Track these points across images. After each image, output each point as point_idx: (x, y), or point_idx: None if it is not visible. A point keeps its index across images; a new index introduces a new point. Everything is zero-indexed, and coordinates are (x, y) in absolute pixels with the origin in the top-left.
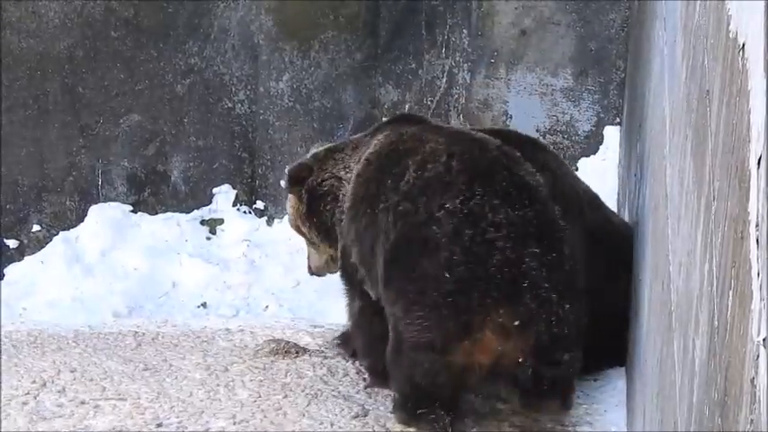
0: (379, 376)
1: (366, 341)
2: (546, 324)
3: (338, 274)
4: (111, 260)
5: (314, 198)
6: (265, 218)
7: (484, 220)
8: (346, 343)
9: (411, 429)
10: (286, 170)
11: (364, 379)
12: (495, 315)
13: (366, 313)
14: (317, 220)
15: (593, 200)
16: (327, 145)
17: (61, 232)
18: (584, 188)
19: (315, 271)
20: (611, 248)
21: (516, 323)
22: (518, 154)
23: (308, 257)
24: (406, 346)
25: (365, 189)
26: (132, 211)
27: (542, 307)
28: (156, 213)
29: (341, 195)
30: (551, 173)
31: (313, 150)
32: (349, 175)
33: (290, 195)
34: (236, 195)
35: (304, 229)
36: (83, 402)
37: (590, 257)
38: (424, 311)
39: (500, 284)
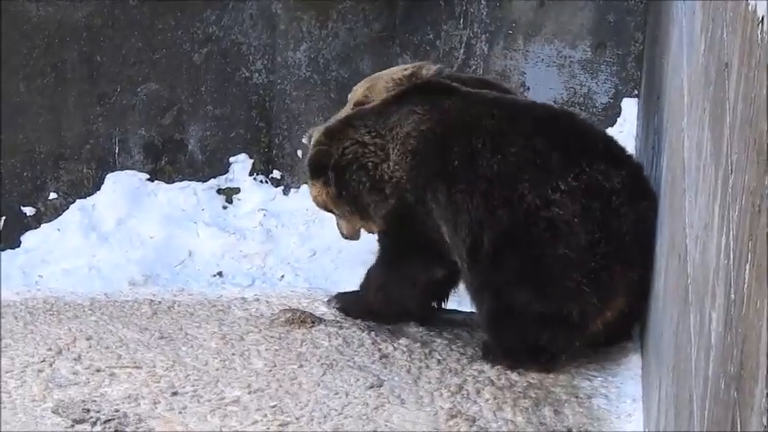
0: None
1: (430, 301)
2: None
3: (384, 235)
4: (127, 228)
5: (340, 172)
6: (282, 187)
7: (603, 189)
8: (348, 301)
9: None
10: (306, 163)
11: (379, 350)
12: (628, 280)
13: (446, 281)
14: (346, 194)
15: None
16: (327, 124)
17: (78, 200)
18: None
19: (348, 236)
20: None
21: (635, 278)
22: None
23: (338, 225)
24: (528, 317)
25: (432, 169)
26: (149, 180)
27: (647, 258)
28: (173, 182)
29: (370, 163)
30: None
31: (315, 134)
32: (378, 141)
33: (312, 183)
34: (253, 164)
35: (337, 210)
36: (98, 370)
37: None
38: (561, 293)
39: (631, 249)
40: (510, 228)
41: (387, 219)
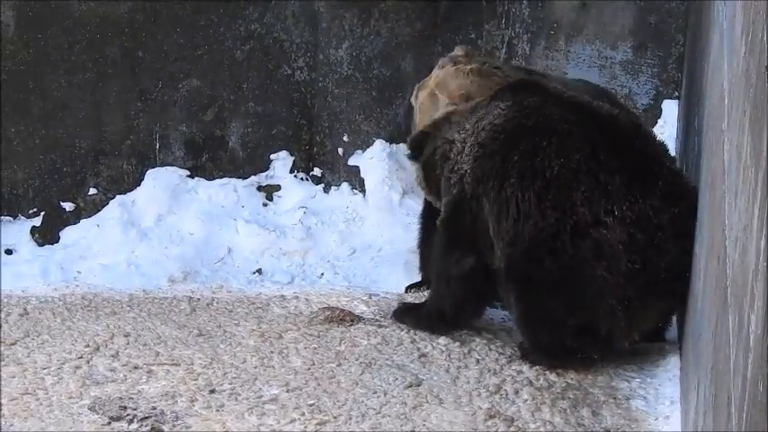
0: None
1: (463, 302)
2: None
3: (440, 223)
4: (167, 225)
5: (429, 169)
6: (322, 185)
7: (651, 224)
8: (407, 314)
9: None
10: (408, 140)
11: (418, 349)
12: (659, 310)
13: (477, 273)
14: (434, 188)
15: None
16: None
17: (118, 196)
18: None
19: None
20: None
21: (667, 309)
22: (641, 123)
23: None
24: (559, 322)
25: (491, 163)
26: (189, 176)
27: (684, 292)
28: (214, 178)
29: (452, 155)
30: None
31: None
32: (462, 135)
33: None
34: (294, 162)
35: (424, 192)
36: (136, 367)
37: None
38: (593, 311)
39: (669, 283)
40: (556, 233)
41: (446, 207)
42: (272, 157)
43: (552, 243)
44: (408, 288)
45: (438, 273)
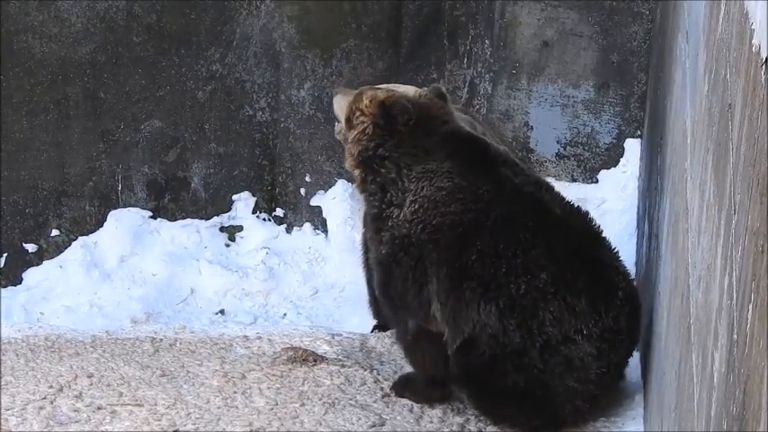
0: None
1: (438, 360)
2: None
3: (376, 285)
4: (129, 266)
5: (368, 170)
6: (285, 225)
7: (613, 332)
8: (405, 386)
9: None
10: (380, 101)
11: (381, 389)
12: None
13: (421, 338)
14: (360, 178)
15: None
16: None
17: (80, 237)
18: None
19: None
20: None
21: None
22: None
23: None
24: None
25: (447, 253)
26: (152, 217)
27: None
28: (176, 219)
29: (389, 193)
30: None
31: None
32: (403, 180)
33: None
34: (256, 202)
35: (349, 165)
36: (99, 408)
37: None
38: (560, 414)
39: (624, 371)
40: (523, 350)
41: (377, 267)
42: (235, 197)
43: (519, 359)
44: (374, 329)
45: (398, 341)
